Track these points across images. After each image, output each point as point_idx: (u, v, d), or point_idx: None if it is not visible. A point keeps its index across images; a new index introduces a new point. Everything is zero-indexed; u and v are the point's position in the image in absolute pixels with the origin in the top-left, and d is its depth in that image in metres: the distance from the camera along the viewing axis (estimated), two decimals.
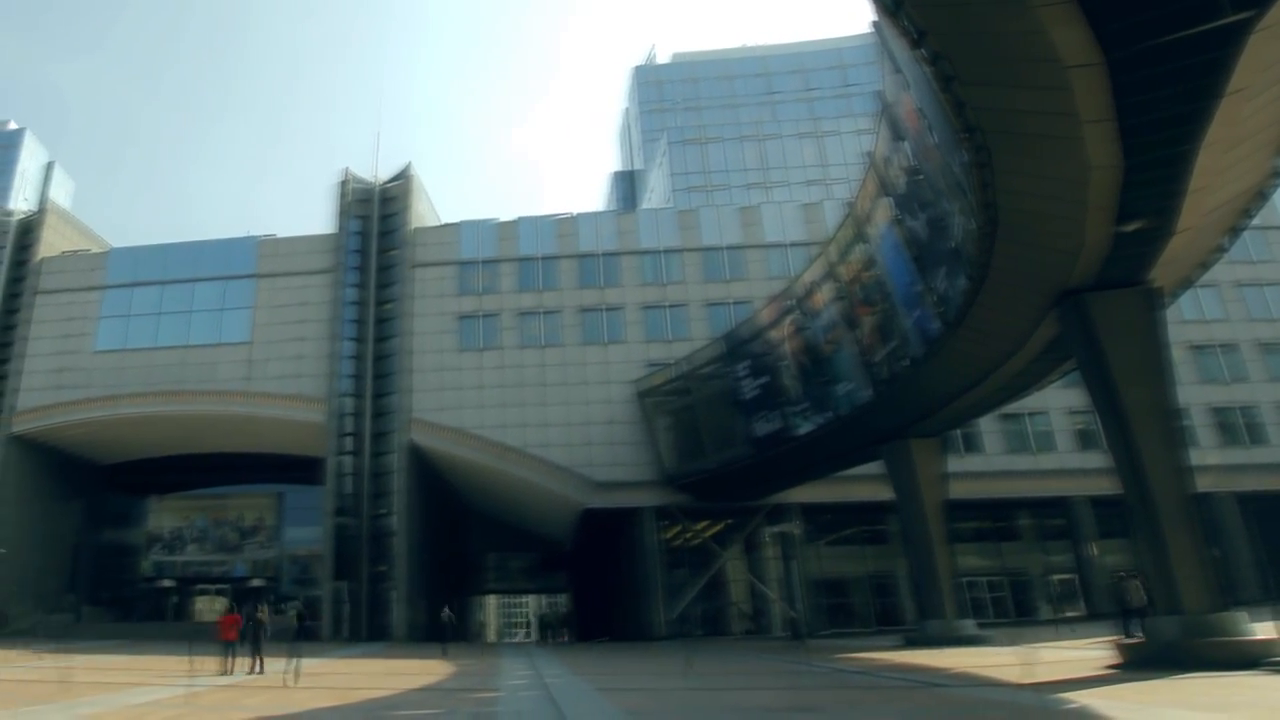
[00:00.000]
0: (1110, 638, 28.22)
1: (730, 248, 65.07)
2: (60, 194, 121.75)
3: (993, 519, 60.07)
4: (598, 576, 77.27)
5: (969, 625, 41.27)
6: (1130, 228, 22.83)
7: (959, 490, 47.35)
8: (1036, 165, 21.58)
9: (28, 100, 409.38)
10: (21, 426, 65.25)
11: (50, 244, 72.73)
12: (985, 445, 59.13)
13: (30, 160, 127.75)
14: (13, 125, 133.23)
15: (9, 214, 77.52)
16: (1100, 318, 26.45)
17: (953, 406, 39.93)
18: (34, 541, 65.26)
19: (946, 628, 40.11)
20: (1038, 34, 16.18)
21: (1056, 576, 60.54)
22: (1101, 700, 18.20)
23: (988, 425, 58.33)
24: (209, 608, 72.89)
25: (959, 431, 53.92)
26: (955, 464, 50.66)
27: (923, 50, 18.34)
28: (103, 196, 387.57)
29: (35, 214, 77.00)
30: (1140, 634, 26.66)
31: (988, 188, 22.11)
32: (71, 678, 25.64)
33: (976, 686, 23.66)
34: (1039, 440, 59.48)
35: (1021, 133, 20.44)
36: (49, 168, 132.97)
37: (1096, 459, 52.23)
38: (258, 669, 27.68)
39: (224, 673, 27.44)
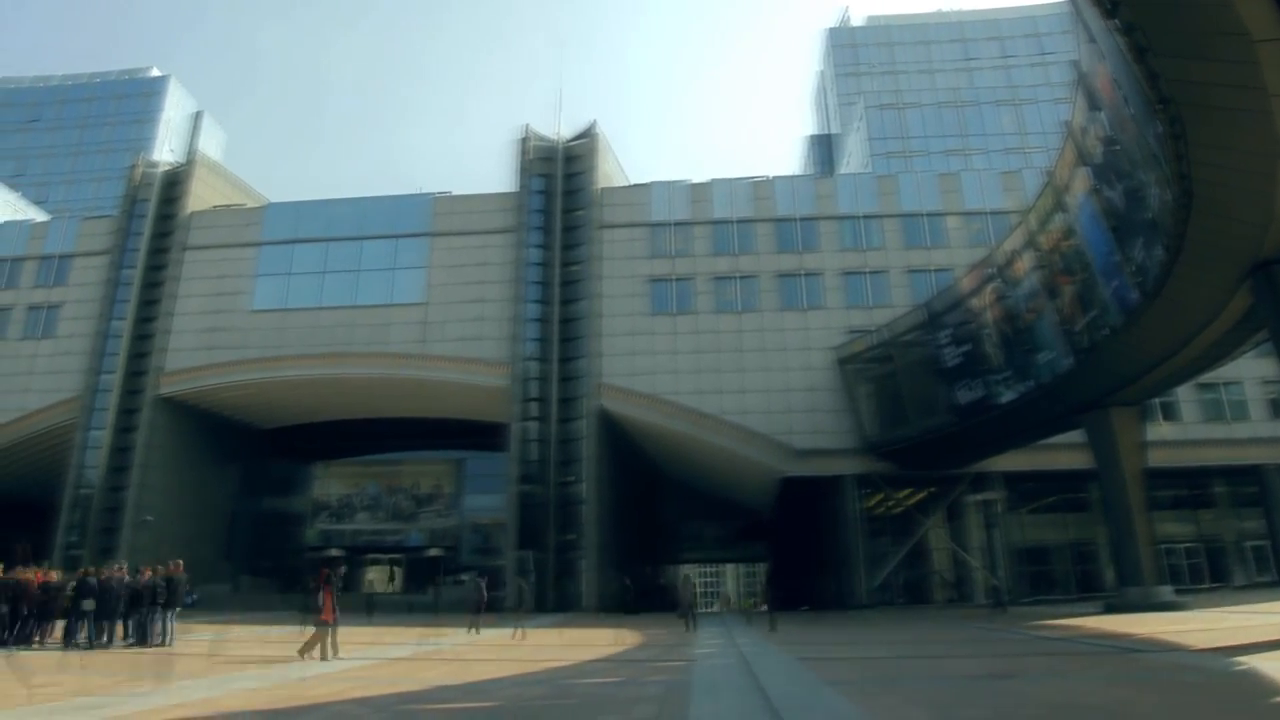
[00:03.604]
0: None
1: (930, 214, 74.57)
2: (210, 145, 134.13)
3: (1189, 487, 69.64)
4: (797, 545, 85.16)
5: (1167, 591, 48.14)
6: None
7: (1156, 458, 53.36)
8: (1227, 138, 25.13)
9: (181, 49, 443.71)
10: (170, 388, 74.88)
11: (199, 197, 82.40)
12: (1182, 414, 68.47)
13: (175, 109, 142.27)
14: (155, 72, 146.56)
15: (154, 165, 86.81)
16: None
17: (1151, 376, 46.26)
18: (184, 508, 74.03)
19: (1145, 594, 46.91)
20: (1226, 7, 19.57)
21: (1250, 543, 68.82)
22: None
23: (1184, 394, 66.57)
24: (381, 578, 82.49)
25: (1156, 400, 61.41)
26: (1153, 432, 57.06)
27: (1116, 21, 22.24)
28: (258, 150, 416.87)
29: (182, 165, 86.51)
30: None
31: (1182, 159, 26.16)
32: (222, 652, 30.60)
33: (1172, 651, 27.39)
34: (1234, 409, 68.73)
35: (1213, 105, 23.91)
36: (197, 117, 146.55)
37: None
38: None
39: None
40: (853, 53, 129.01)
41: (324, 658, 26.67)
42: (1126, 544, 49.72)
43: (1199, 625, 35.51)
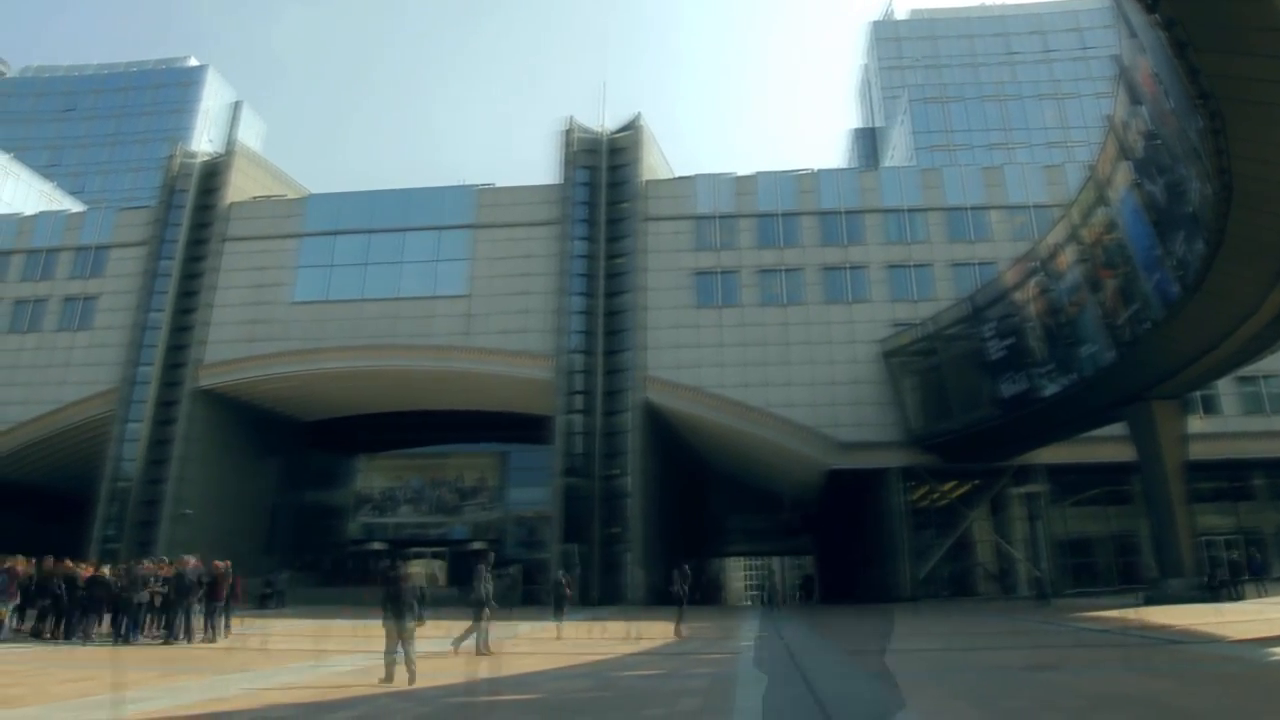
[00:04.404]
0: None
1: (974, 208, 76.70)
2: (250, 135, 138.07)
3: (1229, 479, 71.22)
4: (842, 538, 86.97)
5: (1206, 583, 49.91)
6: None
7: (1197, 451, 55.00)
8: (1268, 132, 26.02)
9: (219, 38, 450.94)
10: (210, 380, 76.65)
11: (239, 188, 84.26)
12: (1222, 407, 70.03)
13: (213, 99, 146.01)
14: (193, 61, 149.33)
15: (192, 155, 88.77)
16: None
17: (1191, 368, 48.00)
18: (224, 502, 75.65)
19: (1185, 586, 48.51)
20: (1264, 1, 20.37)
21: None
22: None
23: (1224, 387, 68.23)
24: (425, 571, 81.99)
25: (1197, 394, 62.57)
26: (1194, 425, 58.53)
27: (1156, 16, 22.94)
28: (298, 140, 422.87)
29: (221, 155, 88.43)
30: None
31: (1222, 154, 27.03)
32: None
33: (1212, 643, 28.59)
34: (1273, 402, 70.47)
35: (1253, 100, 24.74)
36: (236, 107, 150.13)
37: None
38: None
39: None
40: (896, 46, 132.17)
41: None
42: (1167, 536, 51.47)
43: (1238, 617, 36.95)
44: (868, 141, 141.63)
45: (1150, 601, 49.01)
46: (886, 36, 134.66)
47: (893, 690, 19.45)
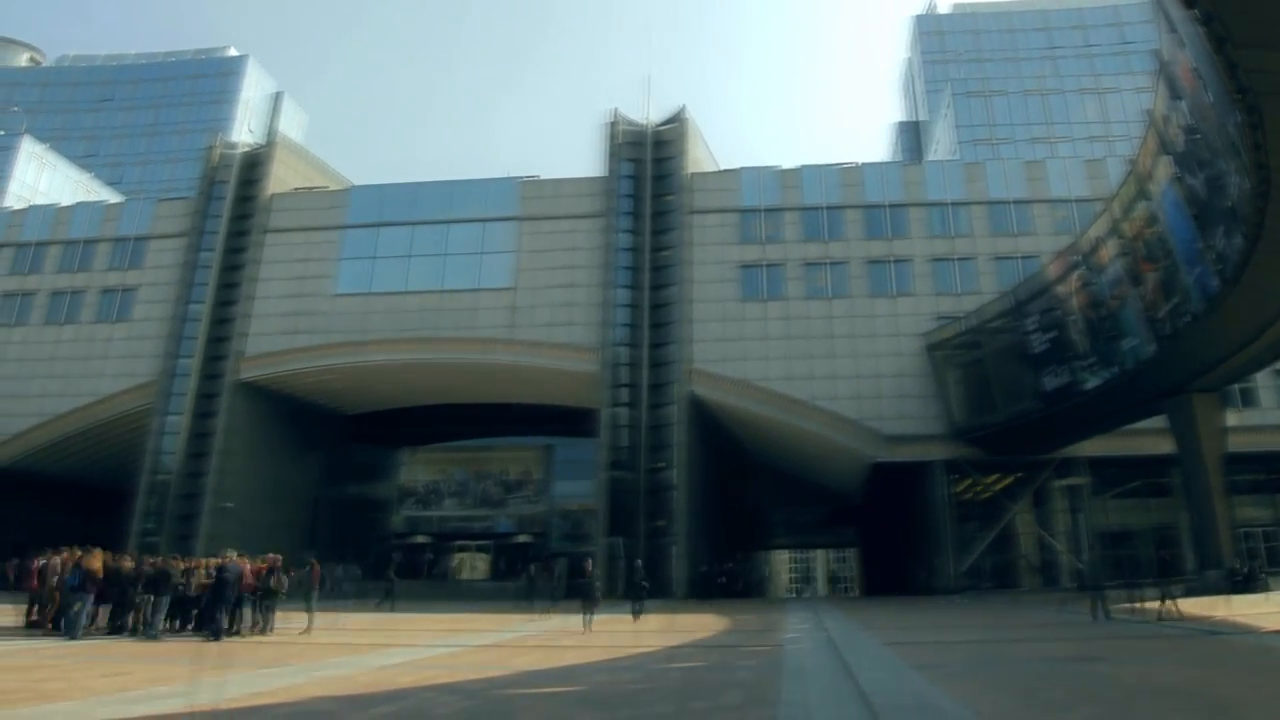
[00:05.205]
0: None
1: (1017, 202, 78.70)
2: (291, 127, 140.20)
3: (1268, 471, 72.68)
4: (886, 531, 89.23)
5: (1244, 574, 51.12)
6: None
7: (1236, 443, 56.93)
8: None
9: (260, 29, 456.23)
10: (251, 373, 78.61)
11: (280, 179, 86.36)
12: (1260, 399, 71.72)
13: (254, 90, 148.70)
14: (232, 51, 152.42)
15: (232, 146, 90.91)
16: None
17: (1231, 361, 49.55)
18: (266, 495, 77.29)
19: (1223, 577, 50.16)
20: None
21: None
22: None
23: (1263, 380, 70.04)
24: (468, 564, 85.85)
25: (1235, 386, 64.38)
26: (1232, 418, 60.54)
27: (1195, 11, 23.77)
28: (340, 133, 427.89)
29: (262, 146, 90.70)
30: None
31: (1260, 149, 27.80)
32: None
33: (1249, 633, 29.82)
34: None
35: None
36: (277, 98, 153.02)
37: None
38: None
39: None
40: (939, 40, 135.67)
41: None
42: (1206, 528, 53.36)
43: (1277, 607, 38.44)
44: (911, 135, 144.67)
45: (1190, 593, 49.44)
46: (929, 30, 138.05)
47: (935, 682, 20.22)
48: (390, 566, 67.35)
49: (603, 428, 73.65)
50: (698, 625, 40.84)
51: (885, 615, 49.94)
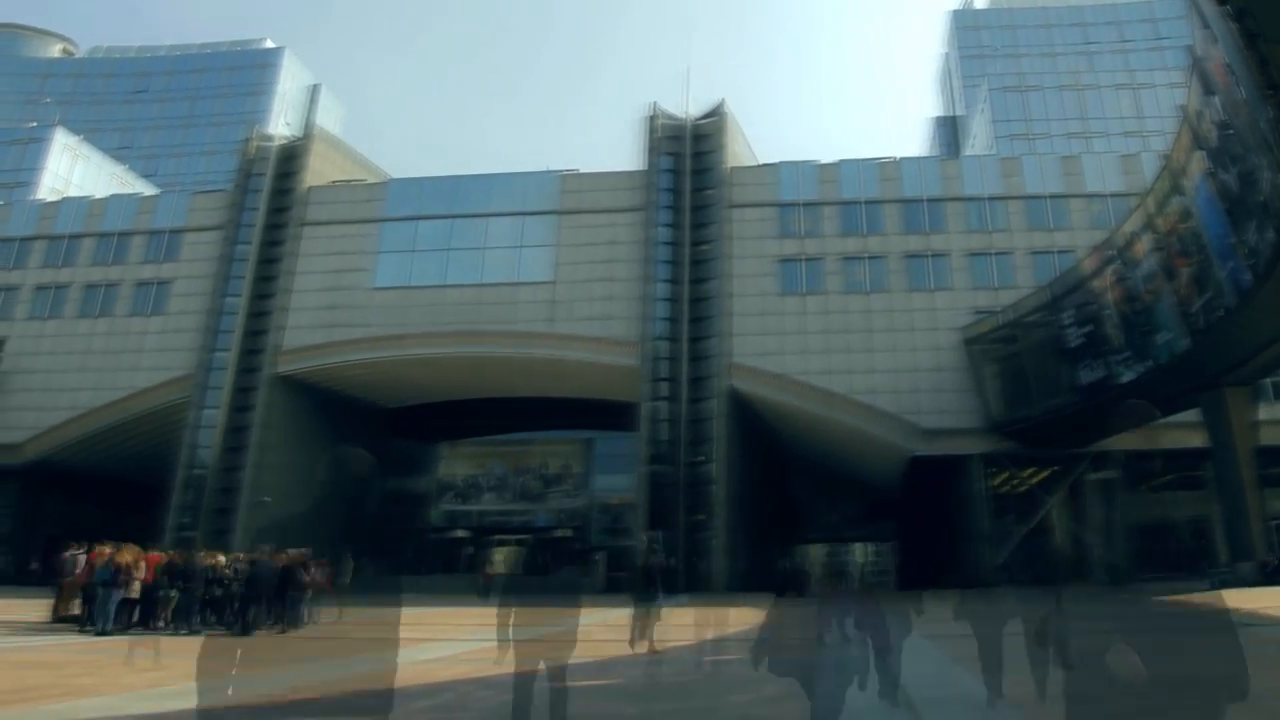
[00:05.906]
0: None
1: (1053, 196, 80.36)
2: (329, 119, 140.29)
3: None
4: (923, 524, 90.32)
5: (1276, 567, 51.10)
6: None
7: (1268, 437, 58.26)
8: None
9: (297, 21, 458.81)
10: (288, 366, 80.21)
11: (317, 172, 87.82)
12: None
13: (290, 82, 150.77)
14: (269, 43, 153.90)
15: (269, 138, 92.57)
16: None
17: (1263, 355, 50.86)
18: (303, 489, 77.36)
19: (1255, 569, 51.29)
20: None
21: None
22: None
23: None
24: (505, 559, 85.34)
25: (1268, 380, 65.23)
26: (1264, 412, 61.58)
27: (1228, 7, 24.85)
28: (379, 127, 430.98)
29: (299, 139, 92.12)
30: None
31: None
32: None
33: (1278, 625, 30.01)
34: None
35: None
36: (314, 90, 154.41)
37: None
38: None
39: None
40: (976, 35, 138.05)
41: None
42: (1238, 521, 54.91)
43: None
44: (948, 130, 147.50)
45: (1222, 585, 51.84)
46: (966, 25, 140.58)
47: (975, 674, 20.44)
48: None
49: (642, 421, 75.31)
50: (735, 619, 41.40)
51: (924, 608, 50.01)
